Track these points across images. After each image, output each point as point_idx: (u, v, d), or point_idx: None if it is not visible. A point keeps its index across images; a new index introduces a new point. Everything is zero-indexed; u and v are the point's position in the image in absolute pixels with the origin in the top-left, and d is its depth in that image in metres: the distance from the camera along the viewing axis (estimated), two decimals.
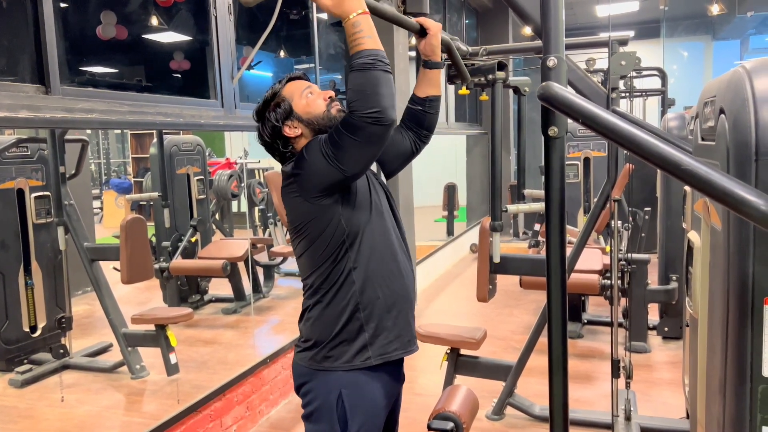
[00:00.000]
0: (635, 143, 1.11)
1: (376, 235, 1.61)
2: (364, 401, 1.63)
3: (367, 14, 1.42)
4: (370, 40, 1.40)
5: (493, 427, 3.14)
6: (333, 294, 1.60)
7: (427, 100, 1.86)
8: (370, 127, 1.40)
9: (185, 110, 2.68)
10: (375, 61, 1.39)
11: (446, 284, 6.14)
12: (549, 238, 1.51)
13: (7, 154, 3.77)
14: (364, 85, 1.39)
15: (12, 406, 3.47)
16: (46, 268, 4.00)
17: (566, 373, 1.58)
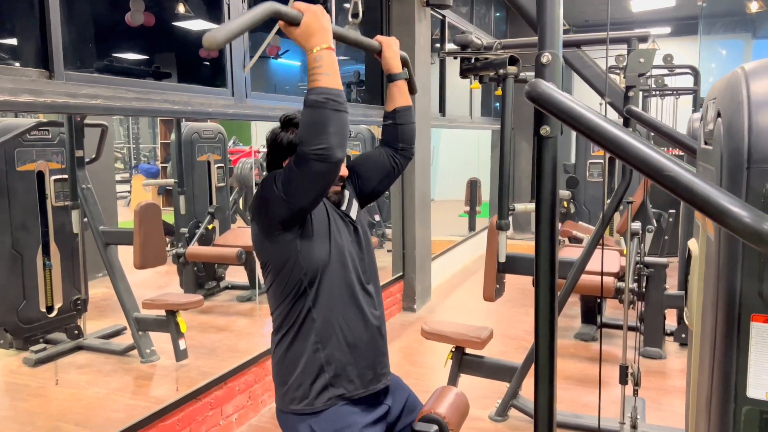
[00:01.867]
0: (618, 146, 1.05)
1: (335, 276, 1.60)
2: (343, 426, 1.60)
3: (331, 50, 1.40)
4: (327, 77, 1.39)
5: (495, 428, 3.09)
6: (293, 334, 1.60)
7: (396, 112, 1.85)
8: (315, 163, 1.38)
9: (194, 98, 2.68)
10: (327, 100, 1.37)
11: (462, 281, 6.08)
12: (538, 240, 1.46)
13: (28, 136, 3.83)
14: (314, 122, 1.38)
15: (24, 384, 3.55)
16: (64, 250, 4.06)
17: (553, 378, 1.53)
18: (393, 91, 1.84)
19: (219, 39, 1.17)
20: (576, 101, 1.16)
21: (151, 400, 3.34)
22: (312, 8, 1.38)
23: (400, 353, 4.25)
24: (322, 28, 1.38)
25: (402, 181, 4.94)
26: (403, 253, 5.01)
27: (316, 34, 1.37)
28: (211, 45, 1.17)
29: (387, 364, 1.77)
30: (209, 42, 1.17)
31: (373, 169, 1.85)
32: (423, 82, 4.96)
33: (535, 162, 1.71)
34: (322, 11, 1.40)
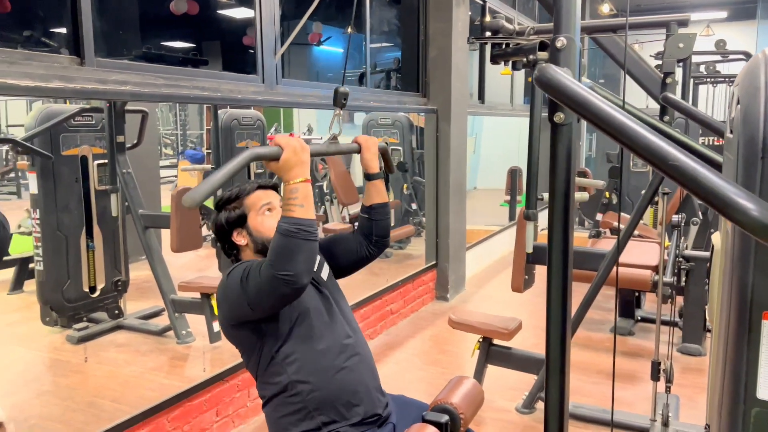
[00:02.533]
0: (623, 133, 1.01)
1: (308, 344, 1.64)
2: None
3: (307, 182, 1.47)
4: (301, 209, 1.45)
5: (521, 420, 3.05)
6: (281, 403, 1.64)
7: (372, 209, 1.91)
8: (281, 286, 1.43)
9: (223, 84, 2.71)
10: (298, 230, 1.43)
11: (499, 271, 6.01)
12: (552, 230, 1.42)
13: (72, 122, 3.96)
14: (283, 249, 1.43)
15: (66, 360, 3.70)
16: (106, 232, 4.20)
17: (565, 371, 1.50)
18: (370, 189, 1.90)
19: (197, 199, 1.26)
20: (584, 87, 1.12)
21: (184, 380, 3.43)
22: (291, 144, 1.45)
23: (430, 341, 4.24)
24: (300, 162, 1.45)
25: (436, 169, 4.90)
26: (437, 242, 4.98)
27: (294, 168, 1.45)
28: (191, 204, 1.26)
29: (381, 397, 1.77)
30: (188, 202, 1.25)
31: (346, 252, 1.91)
32: (460, 69, 4.89)
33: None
34: (302, 146, 1.47)
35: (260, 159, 1.42)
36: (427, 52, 4.75)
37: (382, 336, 4.29)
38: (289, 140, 1.46)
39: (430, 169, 4.94)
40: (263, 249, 1.66)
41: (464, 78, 5.00)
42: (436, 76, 4.78)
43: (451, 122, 4.78)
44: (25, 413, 3.01)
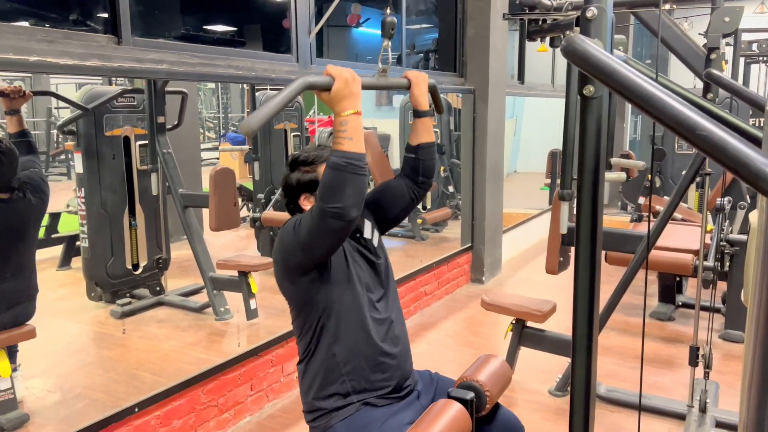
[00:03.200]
0: (650, 103, 0.98)
1: (354, 311, 1.66)
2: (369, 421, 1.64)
3: (358, 115, 1.46)
4: (350, 142, 1.44)
5: (554, 402, 3.03)
6: (317, 366, 1.68)
7: (420, 148, 1.88)
8: (331, 220, 1.45)
9: (258, 64, 2.74)
10: (347, 164, 1.43)
11: (536, 254, 5.93)
12: (580, 207, 1.40)
13: (115, 103, 4.06)
14: (333, 183, 1.44)
15: (110, 334, 3.83)
16: (148, 211, 4.31)
17: (591, 352, 1.48)
18: (418, 127, 1.87)
19: (253, 126, 1.25)
20: (612, 57, 1.08)
21: (221, 355, 3.50)
22: (343, 74, 1.44)
23: (464, 323, 4.23)
24: (351, 94, 1.44)
25: (473, 151, 4.85)
26: (473, 224, 4.94)
27: (345, 99, 1.43)
28: (247, 132, 1.25)
29: (411, 373, 1.80)
30: (245, 129, 1.25)
31: (393, 200, 1.89)
32: (499, 48, 4.81)
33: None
34: (353, 77, 1.45)
35: (312, 88, 1.40)
36: (465, 31, 4.69)
37: (416, 316, 4.30)
38: (341, 71, 1.44)
39: (467, 150, 4.89)
40: None
41: (503, 57, 4.92)
42: (473, 56, 4.72)
43: (489, 103, 4.71)
44: (70, 382, 3.14)
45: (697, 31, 4.58)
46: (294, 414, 2.94)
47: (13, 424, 2.60)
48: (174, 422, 2.51)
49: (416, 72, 1.81)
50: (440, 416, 1.53)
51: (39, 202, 2.72)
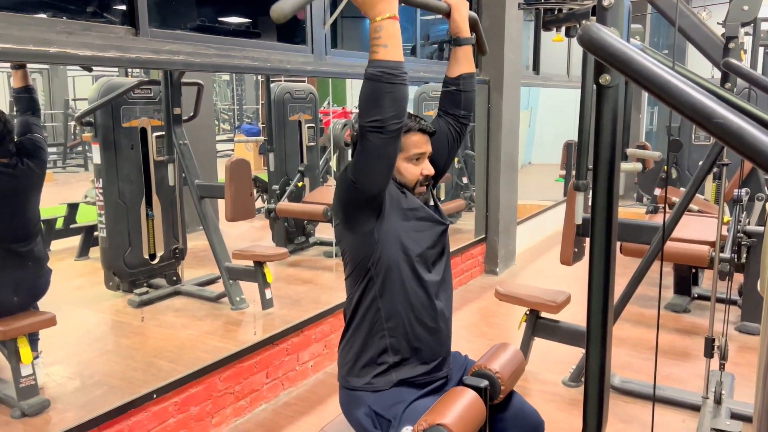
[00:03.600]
0: (666, 91, 0.98)
1: (405, 271, 1.63)
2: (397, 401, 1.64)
3: (395, 20, 1.37)
4: (385, 49, 1.36)
5: (567, 393, 3.03)
6: (361, 320, 1.66)
7: (461, 78, 1.80)
8: (372, 135, 1.39)
9: (273, 55, 2.75)
10: (383, 73, 1.36)
11: (551, 246, 5.91)
12: (595, 198, 1.40)
13: (132, 94, 4.10)
14: (369, 95, 1.37)
15: (127, 322, 3.89)
16: (165, 202, 4.35)
17: (605, 343, 1.49)
18: (459, 56, 1.79)
19: (286, 10, 1.18)
20: (628, 45, 1.09)
21: (237, 343, 3.55)
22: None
23: (478, 314, 4.24)
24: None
25: (487, 141, 4.84)
26: (487, 215, 4.94)
27: (379, 2, 1.34)
28: (278, 17, 1.17)
29: (449, 351, 1.80)
30: (276, 13, 1.17)
31: (440, 147, 1.80)
32: (514, 39, 4.78)
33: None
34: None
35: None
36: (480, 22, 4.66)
37: None
38: None
39: (481, 141, 4.88)
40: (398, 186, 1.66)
41: (518, 48, 4.89)
42: (488, 47, 4.68)
43: (504, 93, 4.69)
44: (90, 370, 3.20)
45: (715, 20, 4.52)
46: (309, 402, 2.98)
47: (34, 410, 2.66)
48: (191, 409, 2.55)
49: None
50: (454, 403, 1.55)
51: (37, 166, 2.76)
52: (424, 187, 1.70)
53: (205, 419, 2.62)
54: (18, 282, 2.72)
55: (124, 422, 2.27)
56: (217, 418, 2.68)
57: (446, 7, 1.70)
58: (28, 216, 2.76)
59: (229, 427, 2.74)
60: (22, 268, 2.73)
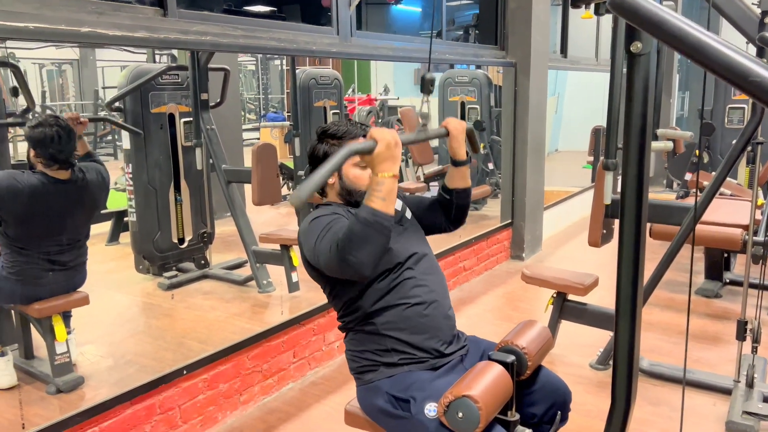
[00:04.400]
0: (700, 51, 0.96)
1: (386, 282, 1.69)
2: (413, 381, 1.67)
3: (395, 178, 1.50)
4: (382, 202, 1.48)
5: (595, 375, 3.01)
6: (358, 336, 1.74)
7: (455, 192, 1.93)
8: (345, 268, 1.50)
9: (299, 36, 2.76)
10: (375, 221, 1.47)
11: (578, 232, 5.85)
12: (626, 172, 1.38)
13: (160, 80, 4.15)
14: (356, 236, 1.47)
15: (157, 305, 3.96)
16: (193, 187, 4.41)
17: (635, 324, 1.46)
18: (455, 174, 1.92)
19: (303, 197, 1.30)
20: (661, 7, 1.07)
21: (264, 325, 3.57)
22: (386, 138, 1.47)
23: (503, 299, 4.22)
24: (391, 157, 1.48)
25: (513, 125, 4.79)
26: (513, 200, 4.90)
27: (385, 162, 1.47)
28: (297, 202, 1.29)
29: (457, 337, 1.84)
30: (295, 201, 1.30)
31: (427, 217, 1.96)
32: (541, 20, 4.72)
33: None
34: (396, 142, 1.48)
35: (357, 153, 1.46)
36: (507, 3, 4.61)
37: (455, 291, 4.31)
38: (384, 134, 1.48)
39: (508, 125, 4.83)
40: (347, 195, 1.75)
41: (545, 30, 4.82)
42: (515, 29, 4.64)
43: (531, 76, 4.64)
44: (121, 350, 3.27)
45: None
46: (335, 382, 3.00)
47: (69, 386, 2.72)
48: (221, 386, 2.59)
49: (455, 121, 1.83)
50: (480, 377, 1.55)
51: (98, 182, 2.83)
52: None
53: (234, 396, 2.66)
54: (59, 283, 2.80)
55: (156, 397, 2.32)
56: (246, 396, 2.72)
57: (445, 132, 1.82)
58: (80, 229, 2.84)
59: (257, 404, 2.79)
60: (64, 272, 2.80)
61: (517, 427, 1.65)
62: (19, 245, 2.64)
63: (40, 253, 2.68)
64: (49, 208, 2.67)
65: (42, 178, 2.63)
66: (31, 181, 2.60)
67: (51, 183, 2.65)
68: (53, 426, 1.98)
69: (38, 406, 2.66)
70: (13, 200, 2.55)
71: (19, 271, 2.65)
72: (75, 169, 2.73)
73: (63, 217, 2.71)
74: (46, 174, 2.64)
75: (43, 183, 2.63)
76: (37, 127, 2.60)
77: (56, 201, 2.67)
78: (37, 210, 2.63)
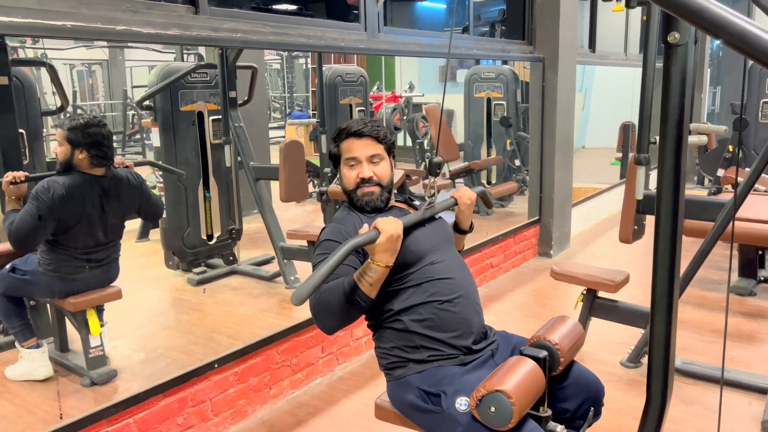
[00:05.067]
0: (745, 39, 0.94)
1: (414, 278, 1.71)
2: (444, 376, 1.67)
3: (388, 269, 1.56)
4: (369, 287, 1.55)
5: (626, 373, 2.97)
6: (386, 333, 1.74)
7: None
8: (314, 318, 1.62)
9: (327, 33, 2.77)
10: (356, 300, 1.55)
11: (606, 229, 5.78)
12: (662, 168, 1.36)
13: (189, 78, 4.20)
14: (332, 303, 1.56)
15: (187, 300, 4.01)
16: (221, 184, 4.46)
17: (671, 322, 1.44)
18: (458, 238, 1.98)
19: (302, 296, 1.37)
20: None
21: (292, 320, 3.60)
22: (389, 231, 1.53)
23: (531, 296, 4.19)
24: (390, 249, 1.54)
25: (541, 120, 4.75)
26: (541, 196, 4.86)
27: (384, 253, 1.53)
28: (297, 301, 1.36)
29: (486, 333, 1.84)
30: (295, 300, 1.37)
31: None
32: (569, 15, 4.66)
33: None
34: (398, 235, 1.54)
35: (359, 246, 1.52)
36: None
37: (482, 289, 4.29)
38: (387, 227, 1.52)
39: (536, 121, 4.79)
40: (344, 192, 1.82)
41: (573, 25, 4.77)
42: (543, 23, 4.60)
43: (559, 71, 4.59)
44: (152, 344, 3.32)
45: None
46: (363, 378, 3.01)
47: (103, 379, 2.78)
48: (251, 379, 2.62)
49: (466, 193, 1.87)
50: (513, 371, 1.54)
51: (130, 179, 2.87)
52: (370, 188, 1.76)
53: (264, 390, 2.69)
54: (94, 278, 2.84)
55: (188, 390, 2.35)
56: (275, 390, 2.74)
57: (453, 202, 1.89)
58: (116, 226, 2.88)
59: (286, 398, 2.81)
60: (99, 268, 2.85)
61: (550, 423, 1.63)
62: (58, 243, 2.70)
63: (78, 250, 2.73)
64: (90, 206, 2.70)
65: (80, 178, 2.67)
66: (70, 182, 2.63)
67: (89, 180, 2.69)
68: (88, 417, 2.03)
69: (73, 398, 2.72)
70: (63, 207, 2.60)
71: (56, 267, 2.71)
72: (109, 165, 2.78)
73: (101, 213, 2.75)
74: (82, 173, 2.68)
75: (82, 182, 2.67)
76: (87, 128, 2.63)
77: (95, 197, 2.71)
78: (78, 209, 2.67)
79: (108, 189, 2.75)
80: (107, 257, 2.85)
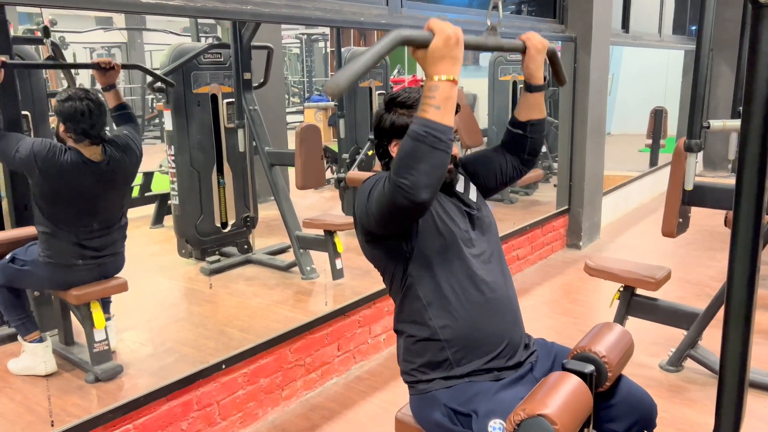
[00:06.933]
0: None
1: (447, 269, 1.51)
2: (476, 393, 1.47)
3: (454, 84, 1.24)
4: (437, 111, 1.23)
5: (666, 378, 2.75)
6: (414, 328, 1.54)
7: (529, 124, 1.67)
8: (398, 195, 1.25)
9: (346, 6, 2.56)
10: (427, 134, 1.22)
11: (638, 219, 5.52)
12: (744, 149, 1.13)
13: (202, 59, 4.01)
14: (407, 154, 1.24)
15: (199, 290, 3.86)
16: (236, 170, 4.29)
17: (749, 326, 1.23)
18: (530, 102, 1.65)
19: (341, 84, 1.09)
20: None
21: (308, 314, 3.45)
22: (446, 31, 1.21)
23: (560, 290, 3.96)
24: (450, 56, 1.22)
25: (572, 105, 4.49)
26: (570, 185, 4.61)
27: (442, 61, 1.21)
28: (333, 92, 1.10)
29: (524, 343, 1.61)
30: (331, 89, 1.09)
31: (489, 173, 1.73)
32: None
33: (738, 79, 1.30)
34: (457, 37, 1.22)
35: (408, 44, 1.20)
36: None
37: None
38: (444, 26, 1.21)
39: (566, 105, 4.53)
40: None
41: (607, 2, 4.48)
42: (575, 1, 4.32)
43: (592, 52, 4.32)
44: (162, 337, 3.18)
45: None
46: (382, 378, 2.83)
47: (107, 375, 2.63)
48: (261, 380, 2.45)
49: (536, 35, 1.54)
50: (555, 390, 1.33)
51: (129, 158, 2.70)
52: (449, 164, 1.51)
53: (275, 392, 2.51)
54: (93, 269, 2.69)
55: (192, 393, 2.19)
56: (287, 391, 2.57)
57: (521, 46, 1.54)
58: (112, 211, 2.73)
59: (300, 400, 2.64)
60: (98, 258, 2.69)
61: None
62: (53, 227, 2.55)
63: (72, 237, 2.58)
64: (83, 190, 2.56)
65: (77, 158, 2.51)
66: (69, 158, 2.50)
67: (85, 164, 2.53)
68: (83, 424, 1.87)
69: (76, 395, 2.57)
70: (49, 167, 2.45)
71: (54, 255, 2.56)
72: (106, 148, 2.60)
73: (95, 201, 2.60)
74: (81, 153, 2.52)
75: (79, 162, 2.52)
76: (66, 100, 2.48)
77: (89, 183, 2.56)
78: (71, 188, 2.53)
79: (104, 176, 2.59)
80: (106, 247, 2.69)
